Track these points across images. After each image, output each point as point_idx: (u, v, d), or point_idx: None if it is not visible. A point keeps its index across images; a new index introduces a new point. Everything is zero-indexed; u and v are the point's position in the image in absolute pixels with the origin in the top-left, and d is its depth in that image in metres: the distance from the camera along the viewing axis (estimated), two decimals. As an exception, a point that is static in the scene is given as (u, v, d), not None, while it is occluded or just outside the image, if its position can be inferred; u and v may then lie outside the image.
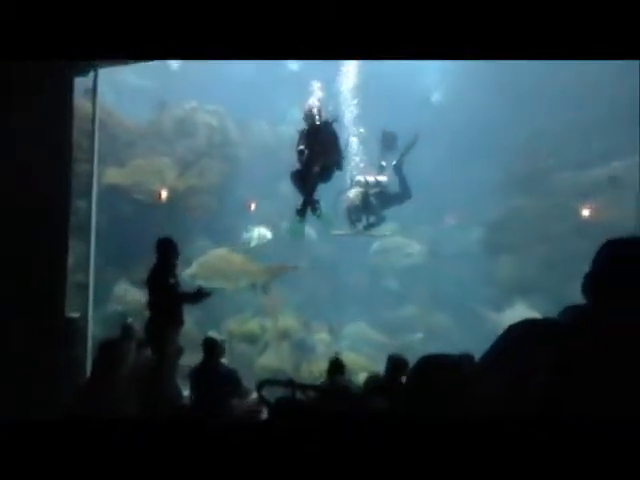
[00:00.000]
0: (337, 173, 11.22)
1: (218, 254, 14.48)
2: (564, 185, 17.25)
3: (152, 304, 7.57)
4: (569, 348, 2.26)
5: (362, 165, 12.93)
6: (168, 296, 7.46)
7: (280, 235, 16.61)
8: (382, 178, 12.71)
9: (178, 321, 7.56)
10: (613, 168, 17.01)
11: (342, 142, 11.09)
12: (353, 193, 12.67)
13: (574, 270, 4.00)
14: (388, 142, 13.02)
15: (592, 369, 2.23)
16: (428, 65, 21.34)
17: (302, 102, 11.63)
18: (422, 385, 2.49)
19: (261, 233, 17.03)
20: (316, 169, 10.71)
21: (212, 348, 7.36)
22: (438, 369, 2.50)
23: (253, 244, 16.77)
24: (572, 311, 2.47)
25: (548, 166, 17.67)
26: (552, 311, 2.47)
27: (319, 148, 10.67)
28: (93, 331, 8.87)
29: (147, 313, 7.62)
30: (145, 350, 8.11)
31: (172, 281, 7.54)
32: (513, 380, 2.25)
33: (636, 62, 14.89)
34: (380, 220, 12.91)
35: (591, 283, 2.48)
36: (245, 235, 17.23)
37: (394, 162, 12.65)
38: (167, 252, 7.59)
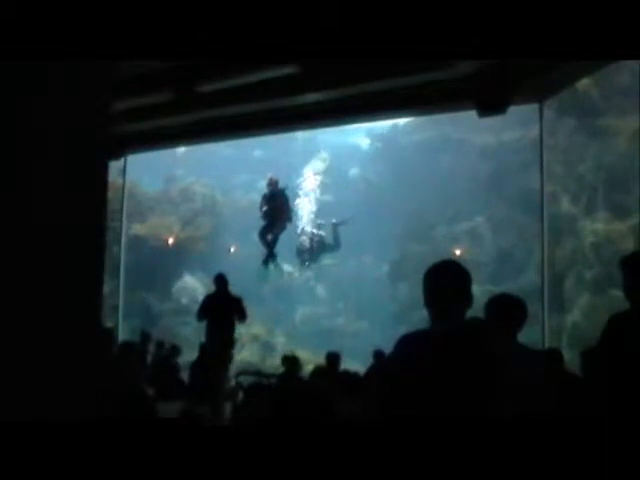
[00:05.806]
0: (289, 228, 11.20)
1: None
2: (442, 234, 17.68)
3: (211, 319, 7.15)
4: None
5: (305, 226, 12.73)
6: (224, 312, 7.09)
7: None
8: (321, 232, 12.57)
9: (231, 329, 7.12)
10: (477, 222, 17.56)
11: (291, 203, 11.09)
12: (302, 239, 12.53)
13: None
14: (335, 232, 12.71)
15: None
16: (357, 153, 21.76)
17: (265, 176, 11.65)
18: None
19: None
20: (275, 230, 10.64)
21: (221, 281, 7.21)
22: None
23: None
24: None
25: (431, 222, 18.07)
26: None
27: (276, 210, 10.60)
28: (122, 336, 8.69)
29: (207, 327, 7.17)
30: (164, 348, 7.80)
31: (223, 302, 7.15)
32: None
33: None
34: (318, 260, 12.82)
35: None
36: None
37: (334, 221, 12.43)
38: (221, 282, 7.20)
